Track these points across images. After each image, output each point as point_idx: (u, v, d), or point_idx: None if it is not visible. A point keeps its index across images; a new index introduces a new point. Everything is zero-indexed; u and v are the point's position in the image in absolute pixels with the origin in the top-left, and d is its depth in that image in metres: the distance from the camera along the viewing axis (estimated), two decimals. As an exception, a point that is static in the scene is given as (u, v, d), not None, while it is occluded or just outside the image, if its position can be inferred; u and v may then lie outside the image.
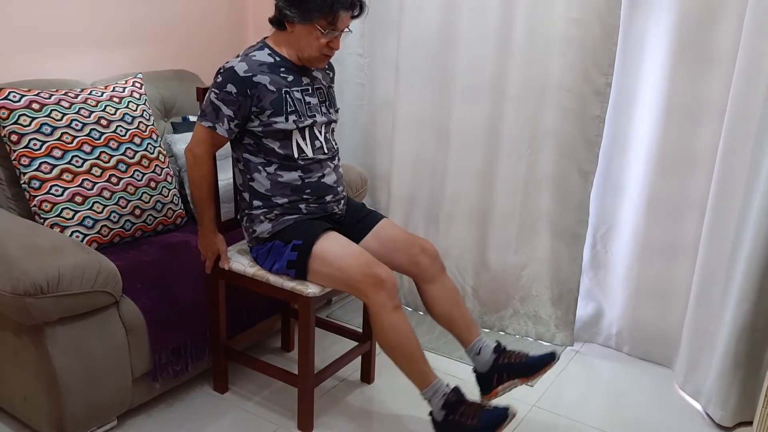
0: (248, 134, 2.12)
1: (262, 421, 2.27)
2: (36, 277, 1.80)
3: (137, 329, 2.08)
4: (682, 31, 2.35)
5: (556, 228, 2.72)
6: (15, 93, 2.24)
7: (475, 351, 2.19)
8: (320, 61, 2.14)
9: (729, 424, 2.30)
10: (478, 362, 2.19)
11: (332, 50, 2.11)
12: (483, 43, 2.66)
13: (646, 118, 2.51)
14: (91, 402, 2.02)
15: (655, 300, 2.65)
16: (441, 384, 2.03)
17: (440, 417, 2.01)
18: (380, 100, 3.06)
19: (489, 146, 2.75)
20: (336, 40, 2.08)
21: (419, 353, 2.05)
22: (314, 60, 2.12)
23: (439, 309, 2.23)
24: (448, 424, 1.99)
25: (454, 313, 2.22)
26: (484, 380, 2.18)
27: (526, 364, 2.11)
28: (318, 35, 2.05)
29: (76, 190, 2.26)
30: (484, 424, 1.94)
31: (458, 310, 2.23)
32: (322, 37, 2.05)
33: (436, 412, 2.02)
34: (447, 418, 1.99)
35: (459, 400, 2.01)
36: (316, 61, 2.13)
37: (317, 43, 2.06)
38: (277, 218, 2.14)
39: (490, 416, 1.95)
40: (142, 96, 2.57)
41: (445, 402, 2.00)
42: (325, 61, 2.16)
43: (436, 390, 2.02)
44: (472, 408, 1.99)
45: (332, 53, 2.12)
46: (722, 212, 2.25)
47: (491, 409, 1.98)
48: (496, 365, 2.15)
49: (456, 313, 2.22)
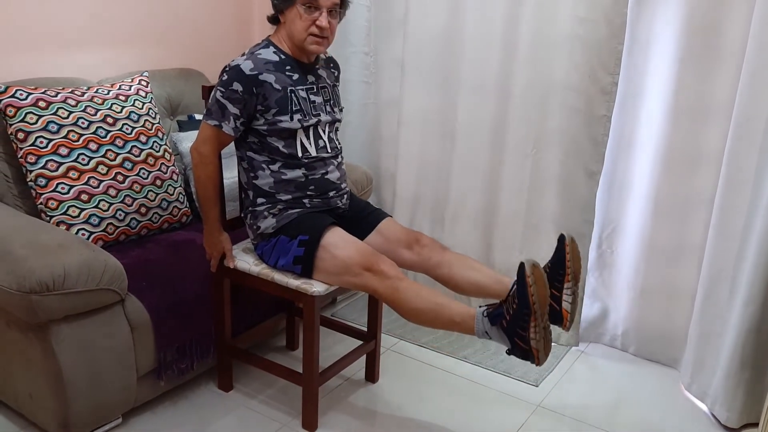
0: (252, 133, 2.12)
1: (266, 420, 2.27)
2: (42, 274, 1.81)
3: (142, 327, 2.09)
4: (689, 29, 2.34)
5: (562, 228, 2.70)
6: (22, 91, 2.25)
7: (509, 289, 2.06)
8: (312, 44, 2.09)
9: (735, 425, 2.29)
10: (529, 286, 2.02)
11: (321, 29, 2.07)
12: (488, 42, 2.65)
13: (653, 118, 2.50)
14: (96, 400, 2.02)
15: (661, 300, 2.64)
16: (477, 314, 1.93)
17: (505, 333, 1.88)
18: (386, 99, 3.06)
19: (494, 146, 2.75)
20: (321, 18, 2.06)
21: (449, 304, 1.97)
22: (306, 43, 2.09)
23: (461, 281, 2.15)
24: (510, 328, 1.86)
25: (475, 277, 2.13)
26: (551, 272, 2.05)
27: (553, 269, 2.01)
28: (301, 15, 2.05)
29: (82, 188, 2.27)
30: (518, 294, 1.83)
31: (477, 272, 2.15)
32: (306, 16, 2.04)
33: (499, 337, 1.90)
34: (505, 328, 1.87)
35: (493, 306, 1.94)
36: (309, 44, 2.09)
37: (303, 24, 2.06)
38: (280, 213, 2.14)
39: (514, 285, 1.89)
40: (148, 94, 2.57)
41: (490, 321, 1.90)
42: (319, 44, 2.10)
43: (479, 321, 1.92)
44: (507, 301, 1.90)
45: (324, 33, 2.08)
46: (729, 212, 2.24)
47: (513, 283, 1.93)
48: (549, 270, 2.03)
49: (476, 275, 2.14)
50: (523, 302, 1.81)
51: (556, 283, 2.00)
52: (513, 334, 1.86)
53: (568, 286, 2.00)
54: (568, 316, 2.01)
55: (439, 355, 2.69)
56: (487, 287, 2.12)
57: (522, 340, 1.84)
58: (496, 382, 2.53)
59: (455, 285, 2.19)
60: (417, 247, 2.22)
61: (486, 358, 2.68)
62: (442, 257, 2.20)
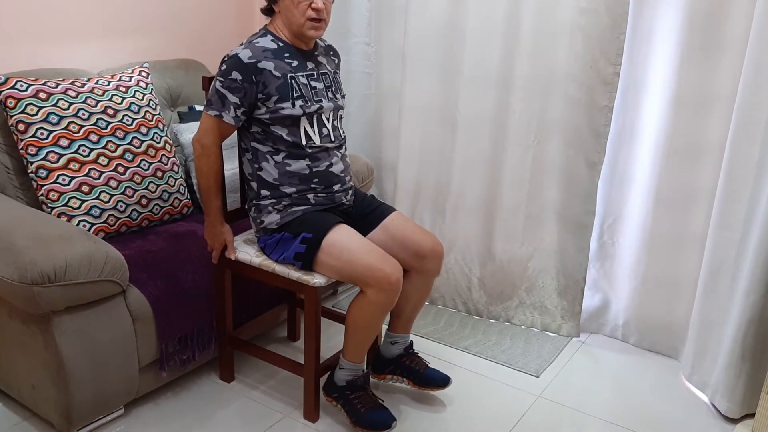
0: (256, 122, 2.11)
1: (268, 410, 2.28)
2: (43, 266, 1.81)
3: (144, 318, 2.09)
4: (691, 20, 2.33)
5: (563, 219, 2.71)
6: (22, 82, 2.24)
7: (392, 340, 2.34)
8: (311, 29, 2.08)
9: (735, 415, 2.30)
10: (386, 348, 2.35)
11: (318, 12, 2.05)
12: (490, 32, 2.64)
13: (655, 108, 2.50)
14: (98, 390, 2.03)
15: (662, 291, 2.64)
16: (361, 366, 2.17)
17: (340, 383, 2.17)
18: (387, 89, 3.05)
19: (496, 136, 2.74)
20: (317, 1, 2.05)
21: (371, 341, 2.17)
22: (304, 29, 2.08)
23: (403, 301, 2.22)
24: (344, 395, 2.17)
25: (409, 310, 2.30)
26: (380, 362, 2.37)
27: (421, 374, 2.31)
28: (295, 1, 2.04)
29: (82, 180, 2.27)
30: (367, 417, 2.12)
31: (414, 310, 2.32)
32: (301, 1, 2.04)
33: (339, 378, 2.18)
34: (344, 391, 2.17)
35: (363, 385, 2.18)
36: (307, 30, 2.08)
37: (299, 10, 2.05)
38: (285, 209, 2.14)
39: (377, 415, 2.12)
40: (148, 85, 2.56)
41: (353, 379, 2.16)
42: (317, 29, 2.09)
43: (355, 368, 2.16)
44: (367, 398, 2.16)
45: (320, 14, 2.06)
46: (730, 203, 2.24)
47: (383, 409, 2.15)
48: (397, 360, 2.35)
49: (411, 310, 2.31)
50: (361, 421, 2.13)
51: (406, 375, 2.33)
52: (337, 394, 2.19)
53: (403, 382, 2.35)
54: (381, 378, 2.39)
55: (441, 345, 2.70)
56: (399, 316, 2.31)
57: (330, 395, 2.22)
58: (497, 373, 2.54)
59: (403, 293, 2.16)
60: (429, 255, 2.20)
61: (487, 348, 2.68)
62: (429, 278, 2.27)
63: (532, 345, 2.74)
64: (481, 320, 2.92)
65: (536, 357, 2.65)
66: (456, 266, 2.94)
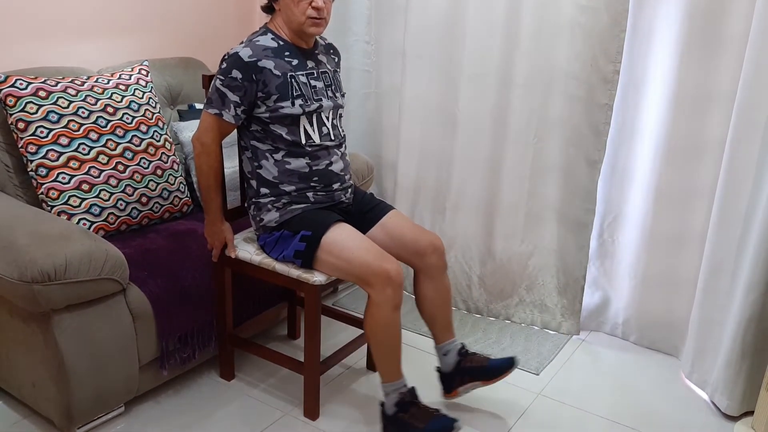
0: (255, 121, 2.11)
1: (268, 408, 2.28)
2: (43, 264, 1.81)
3: (144, 316, 2.09)
4: (691, 17, 2.33)
5: (563, 217, 2.71)
6: (22, 80, 2.24)
7: (443, 351, 2.26)
8: (311, 27, 2.08)
9: (735, 413, 2.30)
10: (443, 362, 2.27)
11: (318, 11, 2.05)
12: (490, 30, 2.64)
13: (655, 106, 2.50)
14: (99, 389, 2.03)
15: (662, 289, 2.64)
16: (402, 382, 2.09)
17: (391, 411, 2.07)
18: (387, 87, 3.05)
19: (496, 135, 2.74)
20: (317, 0, 2.04)
21: (398, 352, 2.09)
22: (305, 27, 2.07)
23: (429, 307, 2.25)
24: (396, 420, 2.06)
25: (438, 316, 2.27)
26: (446, 380, 2.27)
27: (486, 368, 2.22)
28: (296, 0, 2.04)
29: (82, 178, 2.27)
30: (429, 429, 2.00)
31: (444, 312, 2.27)
32: (301, 0, 2.04)
33: (388, 406, 2.08)
34: (396, 415, 2.06)
35: (412, 401, 2.08)
36: (307, 27, 2.08)
37: (300, 8, 2.05)
38: (284, 207, 2.14)
39: (437, 424, 2.02)
40: (148, 83, 2.56)
41: (399, 399, 2.06)
42: (317, 26, 2.09)
43: (396, 387, 2.08)
44: (422, 411, 2.06)
45: (320, 13, 2.06)
46: (731, 201, 2.24)
47: (440, 416, 2.05)
48: (458, 368, 2.25)
49: (441, 314, 2.27)
50: None
51: (475, 377, 2.23)
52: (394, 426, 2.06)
53: (477, 385, 2.24)
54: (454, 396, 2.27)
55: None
56: (434, 326, 2.27)
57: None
58: (497, 371, 2.54)
59: (421, 301, 2.27)
60: (429, 252, 2.20)
61: (487, 346, 2.68)
62: (438, 276, 2.24)
63: (532, 343, 2.74)
64: (481, 318, 2.93)
65: (536, 355, 2.65)
66: (456, 264, 2.94)
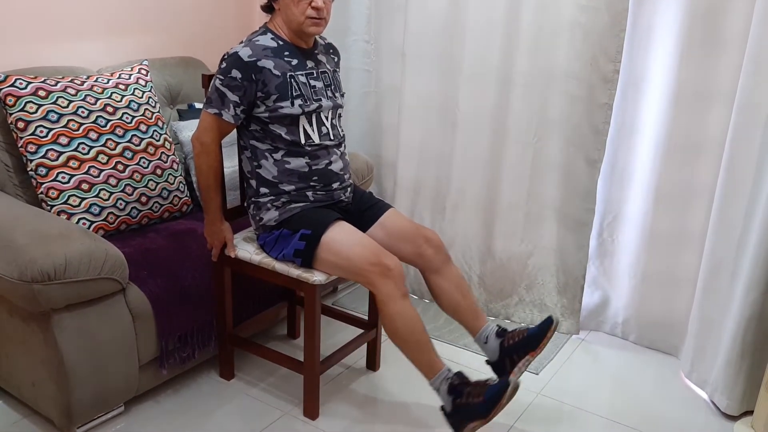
0: (255, 120, 2.11)
1: (268, 408, 2.28)
2: (43, 264, 1.81)
3: (144, 316, 2.09)
4: (691, 16, 2.33)
5: (563, 216, 2.71)
6: (21, 80, 2.24)
7: (482, 340, 2.21)
8: (310, 26, 2.08)
9: (735, 413, 2.30)
10: (487, 351, 2.21)
11: (318, 11, 2.05)
12: (490, 29, 2.64)
13: (654, 106, 2.50)
14: (99, 388, 2.03)
15: (661, 289, 2.64)
16: (445, 371, 2.03)
17: (449, 406, 2.00)
18: (386, 87, 3.05)
19: (495, 134, 2.74)
20: (317, 0, 2.04)
21: (427, 342, 2.05)
22: (304, 26, 2.08)
23: (446, 299, 2.24)
24: (457, 409, 1.98)
25: (460, 303, 2.23)
26: (498, 368, 2.20)
27: (528, 338, 2.12)
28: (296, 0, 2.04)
29: (82, 178, 2.27)
30: (488, 397, 1.92)
31: (465, 300, 2.23)
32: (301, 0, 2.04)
33: (445, 401, 2.01)
34: (455, 404, 1.98)
35: (462, 382, 2.01)
36: (307, 27, 2.08)
37: (299, 8, 2.05)
38: (284, 206, 2.14)
39: (493, 389, 1.93)
40: (148, 83, 2.56)
41: (449, 387, 2.00)
42: (316, 26, 2.09)
43: (443, 378, 2.02)
44: (476, 387, 1.98)
45: (320, 13, 2.06)
46: (730, 200, 2.24)
47: (494, 383, 1.96)
48: (503, 349, 2.16)
49: (462, 303, 2.23)
50: (486, 408, 1.91)
51: (522, 352, 2.13)
52: (458, 415, 1.98)
53: (529, 359, 2.14)
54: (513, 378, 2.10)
55: (440, 343, 2.70)
56: (463, 317, 2.24)
57: (460, 424, 1.97)
58: (497, 370, 2.54)
59: (439, 298, 2.25)
60: (424, 246, 2.22)
61: (487, 346, 2.68)
62: (443, 267, 2.23)
63: (531, 342, 2.73)
64: (481, 318, 2.92)
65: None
66: (455, 264, 2.93)
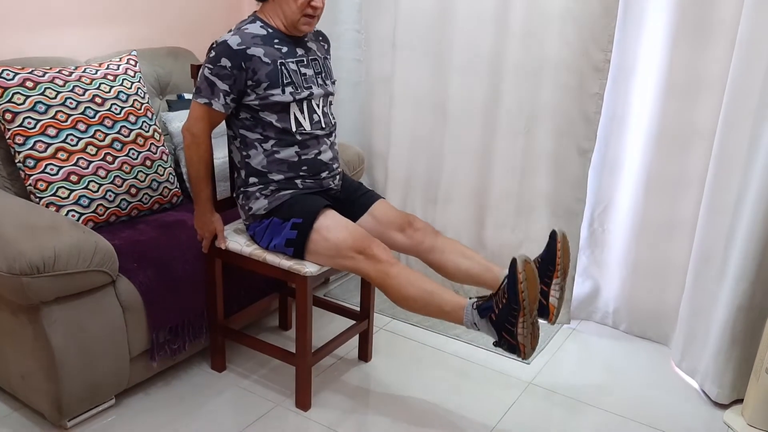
0: (245, 109, 2.10)
1: (260, 399, 2.28)
2: (32, 256, 1.80)
3: (134, 308, 2.08)
4: (682, 5, 2.33)
5: (554, 206, 2.71)
6: (8, 71, 2.22)
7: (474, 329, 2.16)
8: (305, 24, 2.09)
9: (725, 401, 2.32)
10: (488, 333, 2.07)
11: (315, 9, 2.06)
12: (480, 19, 2.63)
13: (645, 95, 2.50)
14: (89, 381, 2.02)
15: (652, 278, 2.65)
16: (469, 304, 1.94)
17: (492, 330, 1.90)
18: (377, 77, 3.04)
19: (486, 124, 2.74)
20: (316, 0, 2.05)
21: (438, 286, 1.98)
22: (299, 23, 2.08)
23: (453, 268, 2.18)
24: (497, 325, 1.89)
25: (466, 264, 2.16)
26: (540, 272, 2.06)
27: (543, 262, 2.03)
28: None
29: (71, 169, 2.25)
30: (508, 289, 1.84)
31: (469, 260, 2.16)
32: None
33: (487, 329, 1.91)
34: (493, 322, 1.89)
35: (482, 297, 1.94)
36: (301, 24, 2.08)
37: (298, 5, 2.04)
38: (272, 194, 2.13)
39: (505, 281, 1.87)
40: (136, 74, 2.54)
41: (479, 311, 1.91)
42: (310, 23, 2.10)
43: (469, 311, 1.93)
44: (497, 296, 1.90)
45: (316, 12, 2.07)
46: (721, 190, 2.25)
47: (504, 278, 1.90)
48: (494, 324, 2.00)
49: (467, 263, 2.16)
50: (513, 298, 1.83)
51: (546, 278, 2.03)
52: (501, 328, 1.89)
53: (557, 281, 2.03)
54: (554, 310, 2.04)
55: (432, 333, 2.71)
56: (477, 276, 2.15)
57: (509, 334, 1.87)
58: (488, 360, 2.55)
59: (446, 271, 2.21)
60: (410, 231, 2.22)
61: (478, 336, 2.69)
62: (435, 242, 2.21)
63: (523, 332, 2.74)
64: (473, 308, 2.93)
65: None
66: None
